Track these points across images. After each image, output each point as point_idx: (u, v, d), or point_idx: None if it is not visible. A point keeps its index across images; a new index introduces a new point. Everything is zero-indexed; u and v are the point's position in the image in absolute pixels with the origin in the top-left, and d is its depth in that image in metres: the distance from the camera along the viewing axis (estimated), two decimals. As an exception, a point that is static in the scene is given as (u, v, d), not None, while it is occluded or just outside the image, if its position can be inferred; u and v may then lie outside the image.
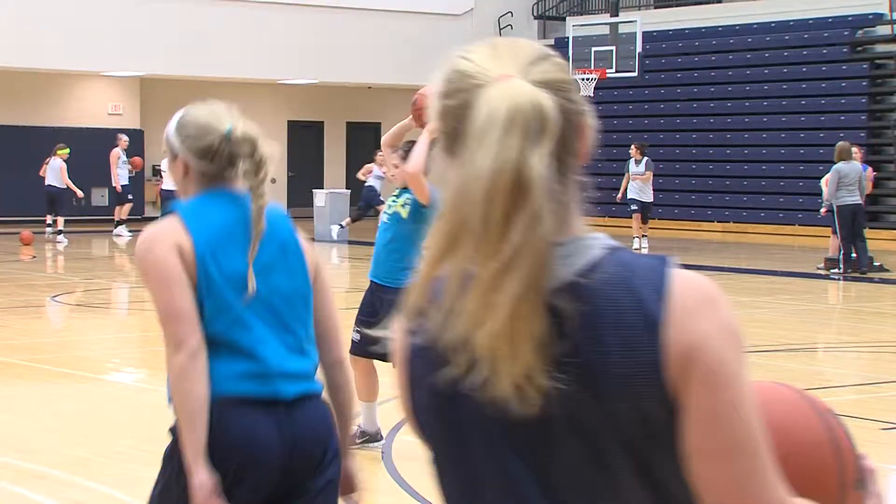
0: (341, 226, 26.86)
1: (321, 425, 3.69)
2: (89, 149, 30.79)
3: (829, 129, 27.80)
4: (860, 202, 19.54)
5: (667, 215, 30.43)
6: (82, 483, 7.30)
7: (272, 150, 3.90)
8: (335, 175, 36.47)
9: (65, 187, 26.50)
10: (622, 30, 27.50)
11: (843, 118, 28.26)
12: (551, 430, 1.75)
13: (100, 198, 31.59)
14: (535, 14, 35.38)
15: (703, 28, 31.45)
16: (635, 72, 27.17)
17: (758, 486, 1.72)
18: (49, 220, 26.70)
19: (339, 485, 3.79)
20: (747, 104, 29.72)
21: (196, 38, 30.41)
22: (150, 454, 7.96)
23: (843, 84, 28.57)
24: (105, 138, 31.69)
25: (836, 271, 19.98)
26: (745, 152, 29.50)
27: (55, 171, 26.44)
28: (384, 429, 8.28)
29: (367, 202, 26.68)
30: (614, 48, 27.33)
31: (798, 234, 26.98)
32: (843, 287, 19.14)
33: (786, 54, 29.41)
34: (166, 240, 3.64)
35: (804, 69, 29.05)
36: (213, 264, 3.61)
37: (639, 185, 25.28)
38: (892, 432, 9.06)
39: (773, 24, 30.12)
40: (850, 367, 12.28)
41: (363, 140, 37.05)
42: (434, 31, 33.34)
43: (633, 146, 25.41)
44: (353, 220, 26.77)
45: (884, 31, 28.58)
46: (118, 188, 27.22)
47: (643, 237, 25.43)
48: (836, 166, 19.70)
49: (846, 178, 19.39)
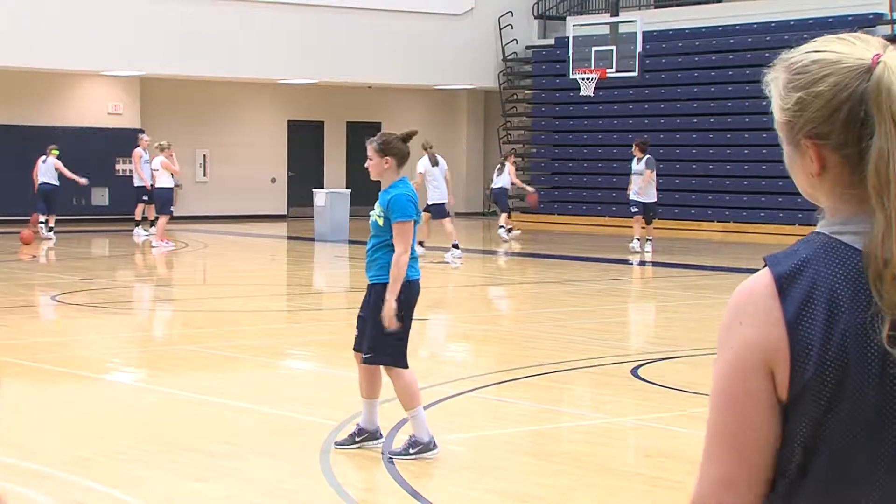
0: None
1: None
2: (89, 149, 30.80)
3: (829, 129, 27.79)
4: None
5: (667, 215, 30.42)
6: (82, 483, 7.30)
7: None
8: (335, 175, 36.47)
9: (59, 185, 26.64)
10: (622, 30, 27.49)
11: (843, 118, 28.26)
12: None
13: (100, 197, 31.58)
14: (535, 14, 35.38)
15: (703, 28, 31.46)
16: (635, 72, 27.17)
17: None
18: (42, 218, 26.66)
19: None
20: (747, 104, 29.72)
21: (196, 38, 30.41)
22: (150, 454, 7.97)
23: (843, 84, 28.56)
24: (105, 138, 31.71)
25: None
26: (745, 152, 29.50)
27: (51, 169, 26.50)
28: (384, 429, 8.27)
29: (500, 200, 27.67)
30: (614, 48, 27.32)
31: (798, 235, 26.85)
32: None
33: (786, 54, 29.41)
34: None
35: (804, 69, 29.03)
36: None
37: (639, 184, 24.89)
38: (892, 432, 9.04)
39: (773, 24, 30.13)
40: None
41: (363, 140, 36.97)
42: (434, 31, 33.35)
43: (634, 144, 25.09)
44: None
45: (884, 31, 28.57)
46: (147, 186, 26.59)
47: (647, 240, 24.83)
48: None
49: None
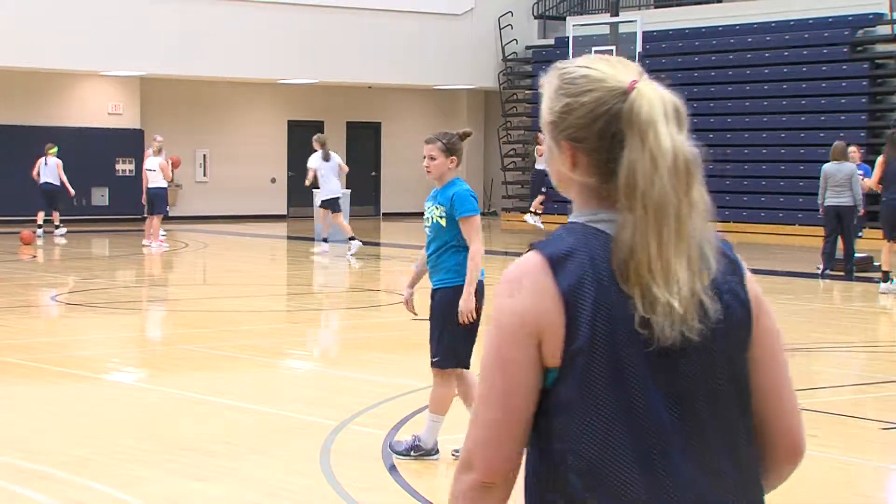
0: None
1: None
2: (89, 149, 30.80)
3: (829, 129, 27.80)
4: (848, 204, 19.38)
5: (667, 215, 30.44)
6: (82, 483, 7.29)
7: None
8: (335, 175, 36.45)
9: (60, 185, 26.64)
10: (622, 30, 27.50)
11: (843, 118, 28.26)
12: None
13: (100, 197, 31.58)
14: (535, 14, 35.39)
15: (703, 28, 31.46)
16: (635, 72, 27.15)
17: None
18: (41, 219, 26.66)
19: None
20: (747, 104, 29.72)
21: (196, 38, 30.41)
22: (150, 454, 7.96)
23: (843, 84, 28.57)
24: (105, 138, 31.71)
25: (818, 267, 19.96)
26: (745, 152, 29.49)
27: (52, 169, 26.47)
28: (385, 428, 8.26)
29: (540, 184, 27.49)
30: (614, 48, 27.31)
31: (798, 234, 26.98)
32: (844, 287, 19.14)
33: (786, 54, 29.41)
34: None
35: (804, 69, 29.05)
36: None
37: None
38: (892, 432, 9.05)
39: (773, 24, 30.12)
40: (850, 367, 12.27)
41: (363, 140, 37.05)
42: (434, 31, 33.35)
43: None
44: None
45: (884, 31, 28.58)
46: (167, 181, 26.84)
47: None
48: (823, 167, 19.73)
49: (832, 178, 19.37)
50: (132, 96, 32.79)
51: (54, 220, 26.62)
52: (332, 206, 23.69)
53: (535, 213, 27.67)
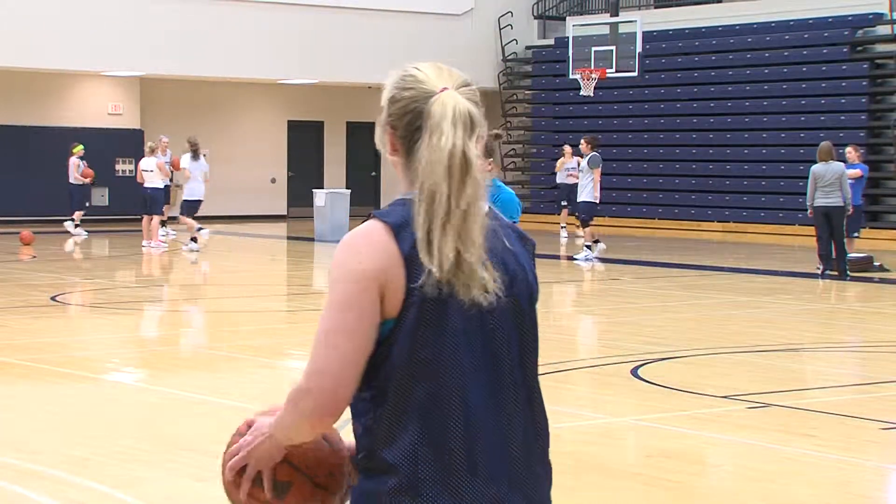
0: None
1: None
2: (89, 149, 30.78)
3: (829, 129, 27.79)
4: (838, 204, 19.33)
5: (667, 215, 30.42)
6: (82, 483, 7.29)
7: None
8: (335, 175, 36.47)
9: (79, 184, 27.08)
10: (622, 30, 27.48)
11: (843, 118, 28.26)
12: None
13: (100, 198, 31.57)
14: (535, 14, 35.37)
15: (703, 28, 31.45)
16: (635, 72, 27.16)
17: None
18: (79, 218, 27.27)
19: None
20: (747, 104, 29.71)
21: (196, 38, 30.41)
22: (150, 454, 7.96)
23: (843, 84, 28.56)
24: (105, 138, 31.70)
25: (818, 268, 19.96)
26: (745, 152, 29.48)
27: (71, 169, 27.15)
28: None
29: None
30: (614, 48, 27.31)
31: (798, 234, 26.97)
32: (844, 287, 19.14)
33: (786, 54, 29.40)
34: None
35: (804, 69, 29.04)
36: None
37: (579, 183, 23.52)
38: (892, 432, 9.06)
39: (773, 24, 30.11)
40: (850, 367, 12.27)
41: (363, 140, 37.04)
42: (434, 31, 33.34)
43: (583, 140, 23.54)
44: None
45: (884, 31, 28.57)
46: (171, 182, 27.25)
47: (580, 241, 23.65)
48: (812, 168, 19.69)
49: (821, 179, 19.34)
50: (132, 96, 32.78)
51: (75, 219, 27.15)
52: (192, 208, 24.03)
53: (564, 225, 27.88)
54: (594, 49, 27.64)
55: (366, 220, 2.73)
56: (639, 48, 26.98)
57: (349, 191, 28.73)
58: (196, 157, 24.06)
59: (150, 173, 24.64)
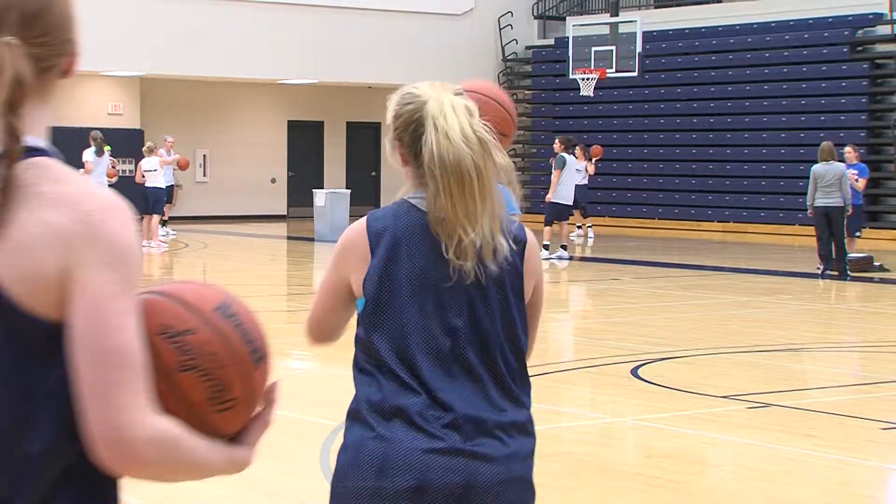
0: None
1: None
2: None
3: (829, 129, 27.80)
4: (838, 204, 19.31)
5: (667, 215, 30.43)
6: (82, 483, 7.28)
7: None
8: (335, 175, 36.47)
9: (111, 184, 27.34)
10: (622, 30, 27.50)
11: (843, 118, 28.26)
12: None
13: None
14: (535, 14, 35.38)
15: (703, 28, 31.45)
16: (635, 72, 27.17)
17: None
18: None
19: None
20: (747, 104, 29.72)
21: (196, 38, 30.41)
22: (150, 454, 7.96)
23: (843, 84, 28.57)
24: (105, 138, 31.66)
25: (818, 268, 19.96)
26: (745, 152, 29.49)
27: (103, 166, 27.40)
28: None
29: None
30: (614, 48, 27.32)
31: (798, 234, 26.98)
32: (844, 287, 19.13)
33: (786, 54, 29.41)
34: None
35: (804, 69, 29.04)
36: None
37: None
38: (892, 432, 9.06)
39: (773, 24, 30.12)
40: (850, 367, 12.27)
41: (363, 140, 37.05)
42: (434, 31, 33.35)
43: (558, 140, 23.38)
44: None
45: (884, 31, 28.57)
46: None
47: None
48: (812, 168, 19.67)
49: (821, 179, 19.33)
50: (132, 96, 32.78)
51: None
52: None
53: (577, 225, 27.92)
54: (594, 49, 27.65)
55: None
56: (639, 48, 26.99)
57: (349, 191, 28.72)
58: (100, 153, 24.06)
59: (152, 173, 24.65)
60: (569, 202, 22.67)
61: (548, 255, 22.19)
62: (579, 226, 28.29)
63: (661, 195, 30.64)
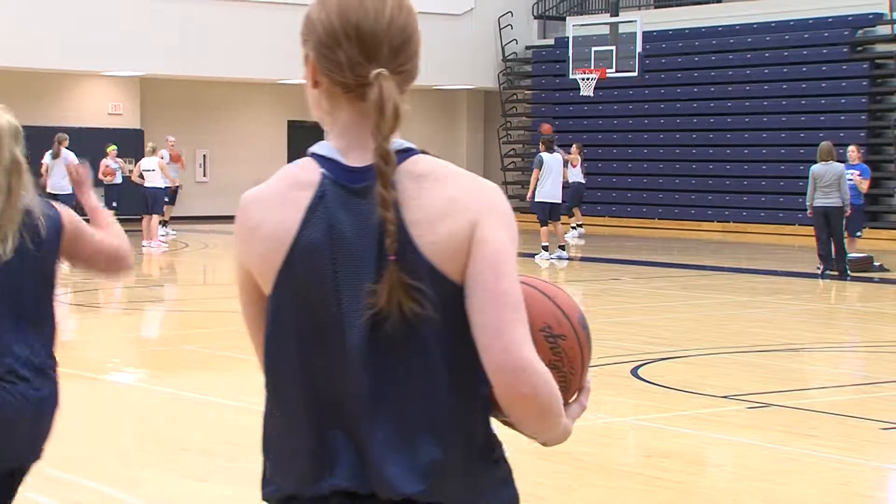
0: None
1: None
2: (89, 149, 30.76)
3: (829, 129, 27.80)
4: (837, 204, 19.30)
5: (667, 215, 30.43)
6: (82, 483, 7.30)
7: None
8: (335, 175, 36.46)
9: (115, 183, 27.66)
10: (622, 30, 27.50)
11: (843, 118, 28.26)
12: None
13: (100, 198, 31.58)
14: (535, 14, 35.38)
15: (703, 28, 31.45)
16: (635, 72, 27.17)
17: None
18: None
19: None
20: (747, 104, 29.72)
21: (196, 38, 30.41)
22: (150, 454, 7.96)
23: (843, 84, 28.57)
24: (105, 138, 31.68)
25: (818, 268, 19.95)
26: (745, 152, 29.49)
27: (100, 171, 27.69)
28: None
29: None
30: (614, 48, 27.32)
31: (798, 234, 26.97)
32: (844, 287, 19.14)
33: (786, 54, 29.41)
34: None
35: (804, 69, 29.05)
36: None
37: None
38: (892, 432, 9.06)
39: (773, 24, 30.12)
40: (850, 367, 12.28)
41: (363, 140, 37.04)
42: (434, 31, 33.32)
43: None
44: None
45: (884, 31, 28.58)
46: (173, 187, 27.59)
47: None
48: (811, 168, 19.66)
49: (821, 179, 19.32)
50: (132, 96, 32.78)
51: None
52: (66, 201, 24.39)
53: (575, 226, 27.94)
54: (594, 49, 27.65)
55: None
56: (639, 48, 26.99)
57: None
58: (57, 154, 24.14)
59: (152, 173, 24.68)
60: (556, 200, 22.62)
61: (548, 256, 22.21)
62: (574, 226, 28.28)
63: (661, 195, 30.64)
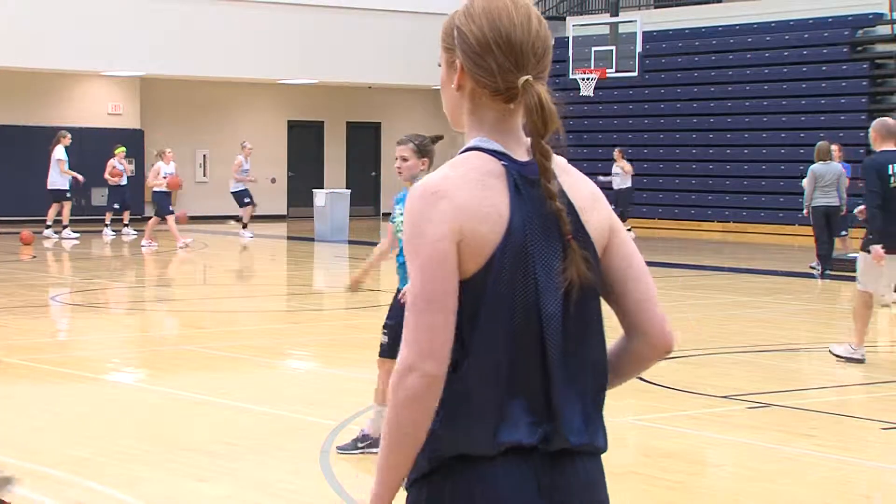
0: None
1: None
2: (89, 149, 30.79)
3: (829, 129, 27.78)
4: (836, 204, 19.32)
5: (667, 215, 30.42)
6: (82, 483, 7.30)
7: None
8: (335, 175, 36.46)
9: (120, 185, 27.72)
10: (622, 30, 27.49)
11: (843, 118, 28.25)
12: None
13: (100, 198, 31.57)
14: (535, 14, 35.35)
15: (703, 28, 31.45)
16: (635, 72, 27.16)
17: None
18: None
19: None
20: (747, 104, 29.71)
21: (196, 38, 30.41)
22: (150, 454, 7.96)
23: (843, 84, 28.56)
24: (105, 138, 31.69)
25: (814, 265, 19.95)
26: (745, 152, 29.48)
27: (107, 171, 27.79)
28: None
29: None
30: (614, 48, 27.32)
31: (798, 234, 26.96)
32: (843, 287, 19.14)
33: (786, 54, 29.41)
34: None
35: (804, 69, 29.04)
36: None
37: None
38: (892, 432, 9.06)
39: (773, 24, 30.12)
40: (850, 367, 12.28)
41: (363, 140, 37.04)
42: (434, 32, 33.04)
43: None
44: None
45: (884, 31, 28.57)
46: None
47: None
48: (811, 167, 19.65)
49: (821, 179, 19.31)
50: (132, 96, 32.78)
51: (124, 219, 27.85)
52: (57, 196, 26.47)
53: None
54: (594, 49, 27.64)
55: None
56: (639, 48, 26.99)
57: (349, 191, 28.74)
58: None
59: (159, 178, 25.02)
60: None
61: None
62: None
63: (660, 195, 30.63)
